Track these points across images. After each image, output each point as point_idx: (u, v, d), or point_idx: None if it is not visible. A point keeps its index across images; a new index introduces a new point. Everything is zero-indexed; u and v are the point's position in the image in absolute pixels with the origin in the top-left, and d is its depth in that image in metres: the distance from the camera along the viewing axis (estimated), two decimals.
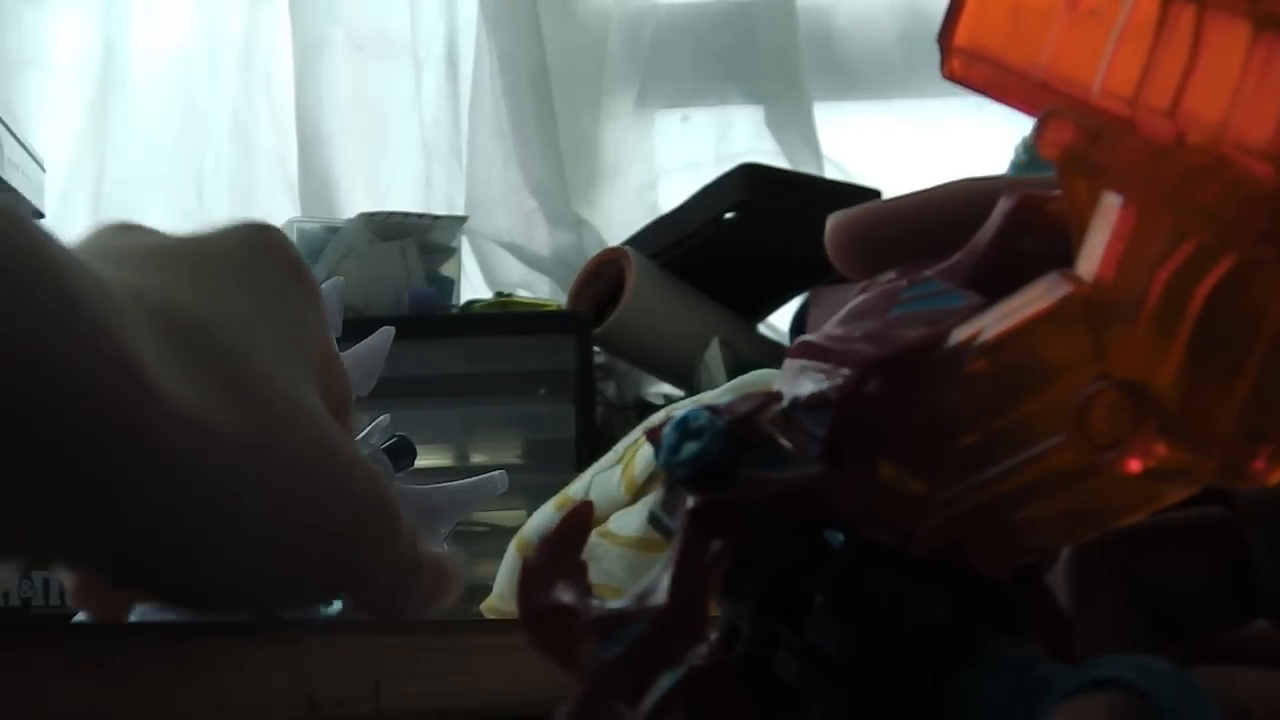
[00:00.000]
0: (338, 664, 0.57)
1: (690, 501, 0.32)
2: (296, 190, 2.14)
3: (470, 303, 1.99)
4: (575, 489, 1.28)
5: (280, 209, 2.09)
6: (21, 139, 1.92)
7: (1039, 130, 0.29)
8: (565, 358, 1.82)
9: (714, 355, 1.83)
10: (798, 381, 0.32)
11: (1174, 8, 0.27)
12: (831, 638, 0.30)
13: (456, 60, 2.20)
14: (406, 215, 1.95)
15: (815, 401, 0.31)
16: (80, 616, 0.70)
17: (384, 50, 2.20)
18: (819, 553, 0.31)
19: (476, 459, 1.90)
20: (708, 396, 1.14)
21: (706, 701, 0.31)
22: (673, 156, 2.21)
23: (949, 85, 0.32)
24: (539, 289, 2.09)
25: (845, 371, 0.31)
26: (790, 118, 2.15)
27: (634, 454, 1.25)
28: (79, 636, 0.59)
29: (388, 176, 2.18)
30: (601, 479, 1.28)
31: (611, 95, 2.19)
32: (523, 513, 1.38)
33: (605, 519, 1.24)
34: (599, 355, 1.88)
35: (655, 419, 1.33)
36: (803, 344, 0.32)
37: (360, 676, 0.57)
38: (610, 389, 1.93)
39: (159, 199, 2.15)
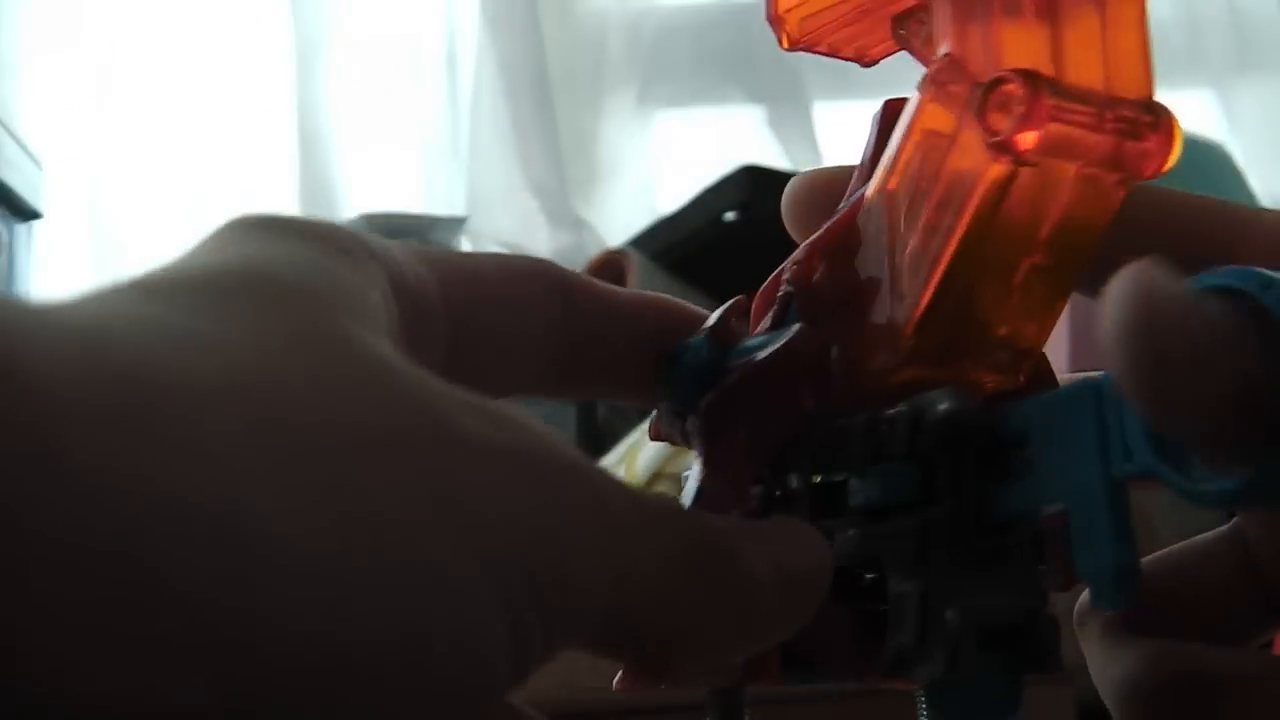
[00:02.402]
0: None
1: (701, 407, 0.34)
2: (296, 190, 2.14)
3: None
4: None
5: (280, 209, 2.09)
6: (20, 139, 1.92)
7: None
8: None
9: None
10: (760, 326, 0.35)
11: None
12: (874, 485, 0.31)
13: (456, 60, 2.20)
14: (406, 215, 1.94)
15: (777, 317, 0.34)
16: None
17: (384, 50, 2.20)
18: (837, 438, 0.32)
19: None
20: None
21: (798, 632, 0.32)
22: (673, 156, 2.21)
23: None
24: None
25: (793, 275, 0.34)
26: (791, 118, 2.15)
27: (636, 454, 1.24)
28: None
29: (388, 176, 2.18)
30: None
31: (611, 95, 2.19)
32: None
33: None
34: None
35: None
36: (755, 298, 0.36)
37: None
38: None
39: (159, 199, 2.15)
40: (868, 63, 0.35)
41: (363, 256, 0.29)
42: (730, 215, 1.86)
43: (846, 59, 0.35)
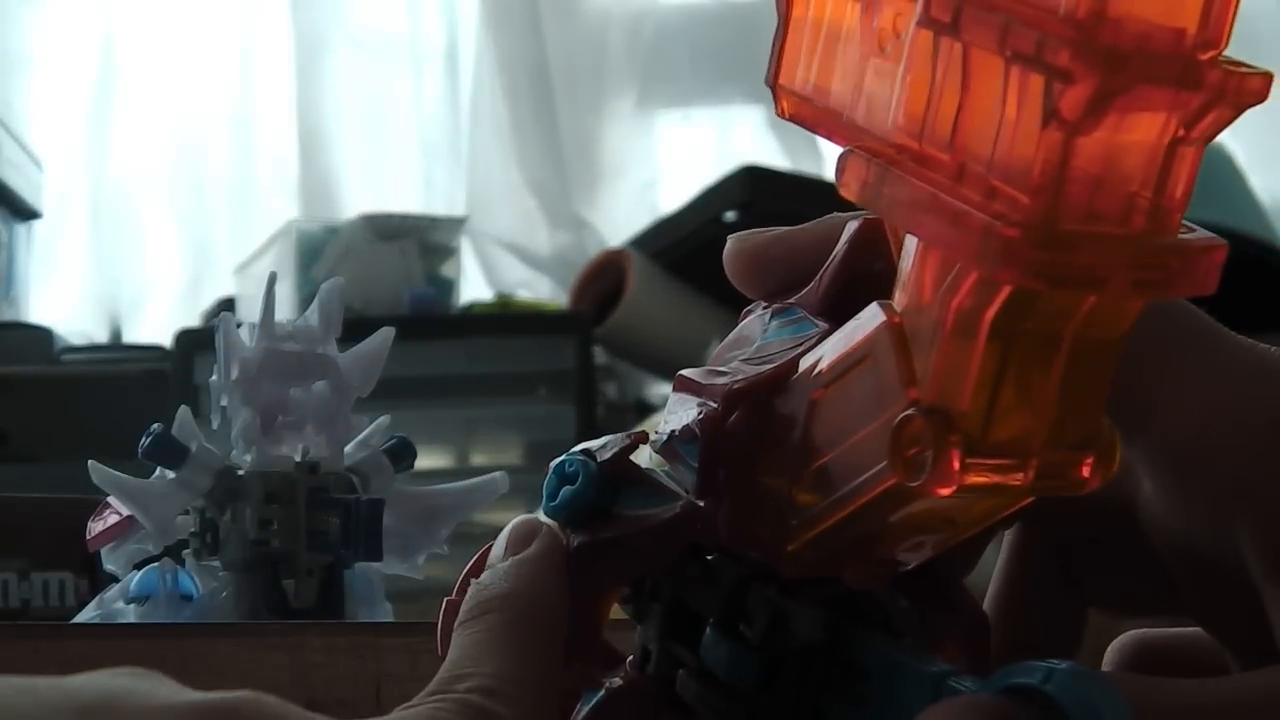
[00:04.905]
0: (338, 665, 0.57)
1: (573, 541, 0.34)
2: (296, 190, 2.14)
3: (471, 303, 1.99)
4: None
5: (280, 209, 2.09)
6: (20, 138, 1.92)
7: (838, 170, 0.30)
8: (566, 358, 1.82)
9: None
10: (676, 413, 0.34)
11: (944, 44, 0.28)
12: (720, 658, 0.32)
13: (456, 60, 2.20)
14: (406, 215, 1.95)
15: (687, 435, 0.33)
16: (80, 617, 0.70)
17: (384, 50, 2.20)
18: (708, 577, 0.33)
19: (477, 460, 1.90)
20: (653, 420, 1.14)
21: None
22: (673, 156, 2.21)
23: None
24: (539, 289, 2.09)
25: (711, 405, 0.33)
26: None
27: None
28: (78, 636, 0.59)
29: (388, 176, 2.18)
30: None
31: (612, 95, 2.19)
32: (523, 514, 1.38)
33: None
34: (600, 356, 1.88)
35: (657, 419, 1.33)
36: (679, 379, 0.35)
37: (361, 678, 0.57)
38: (611, 390, 1.92)
39: (159, 199, 2.15)
40: None
41: None
42: (730, 215, 1.86)
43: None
